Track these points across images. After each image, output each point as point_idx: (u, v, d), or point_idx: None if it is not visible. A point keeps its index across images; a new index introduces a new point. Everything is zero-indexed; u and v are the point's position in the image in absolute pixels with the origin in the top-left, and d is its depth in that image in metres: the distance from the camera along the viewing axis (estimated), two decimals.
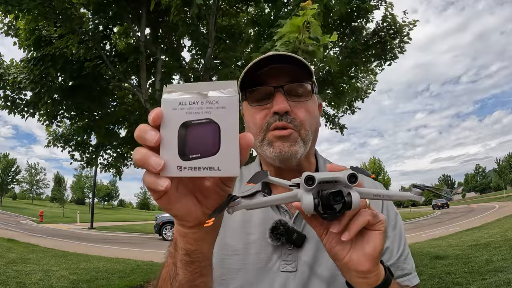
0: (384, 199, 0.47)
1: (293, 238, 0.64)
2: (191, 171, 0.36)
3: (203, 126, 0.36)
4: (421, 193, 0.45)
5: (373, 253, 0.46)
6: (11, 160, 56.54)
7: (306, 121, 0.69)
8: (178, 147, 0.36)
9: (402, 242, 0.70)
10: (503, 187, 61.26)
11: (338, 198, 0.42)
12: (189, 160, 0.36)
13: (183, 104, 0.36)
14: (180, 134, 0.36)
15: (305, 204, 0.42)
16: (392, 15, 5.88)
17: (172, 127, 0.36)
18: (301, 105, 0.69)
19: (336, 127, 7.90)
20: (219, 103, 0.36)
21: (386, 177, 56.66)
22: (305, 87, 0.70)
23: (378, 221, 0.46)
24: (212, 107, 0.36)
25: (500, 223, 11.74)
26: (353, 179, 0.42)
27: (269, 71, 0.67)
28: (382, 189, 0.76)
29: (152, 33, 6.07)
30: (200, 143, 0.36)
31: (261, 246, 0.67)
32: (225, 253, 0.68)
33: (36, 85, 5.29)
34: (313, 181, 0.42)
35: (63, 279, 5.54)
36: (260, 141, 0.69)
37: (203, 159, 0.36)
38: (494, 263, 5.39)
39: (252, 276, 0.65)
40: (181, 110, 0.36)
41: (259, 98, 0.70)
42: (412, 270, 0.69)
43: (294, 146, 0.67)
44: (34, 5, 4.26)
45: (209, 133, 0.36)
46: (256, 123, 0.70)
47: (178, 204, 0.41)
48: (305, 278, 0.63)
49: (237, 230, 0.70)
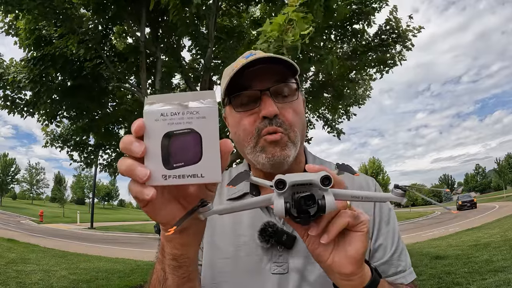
0: (363, 201, 0.45)
1: (282, 240, 0.63)
2: (176, 179, 0.37)
3: (185, 136, 0.37)
4: (403, 194, 0.43)
5: (355, 255, 0.45)
6: (10, 160, 56.51)
7: (295, 122, 0.67)
8: (162, 156, 0.37)
9: (395, 238, 0.69)
10: (503, 187, 61.28)
11: (309, 202, 0.41)
12: (173, 169, 0.37)
13: (165, 115, 0.37)
14: (164, 144, 0.37)
15: (276, 209, 0.42)
16: (395, 19, 5.85)
17: (155, 138, 0.37)
18: (288, 106, 0.67)
19: (333, 131, 7.91)
20: (199, 113, 0.37)
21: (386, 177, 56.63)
22: (291, 86, 0.68)
23: (359, 222, 0.45)
24: (193, 117, 0.37)
25: (500, 223, 11.74)
26: (326, 181, 0.41)
27: (252, 72, 0.65)
28: (374, 184, 0.75)
29: (152, 33, 6.06)
30: (183, 152, 0.37)
31: (251, 248, 0.66)
32: (216, 256, 0.68)
33: (36, 85, 5.29)
34: (283, 184, 0.41)
35: (63, 279, 5.54)
36: (251, 148, 0.67)
37: (186, 167, 0.37)
38: (494, 263, 5.39)
39: (243, 279, 0.64)
40: (163, 121, 0.37)
41: (244, 102, 0.67)
42: (406, 266, 0.67)
43: (285, 149, 0.66)
44: (34, 5, 4.26)
45: (191, 143, 0.37)
46: (245, 129, 0.67)
47: (163, 211, 0.42)
48: (297, 279, 0.62)
49: (227, 232, 0.69)
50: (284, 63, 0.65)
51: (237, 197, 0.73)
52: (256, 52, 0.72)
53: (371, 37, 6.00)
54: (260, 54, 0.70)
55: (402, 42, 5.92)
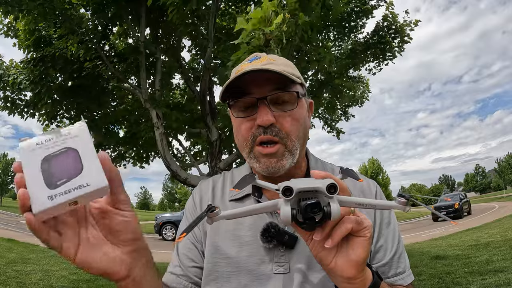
0: (367, 208, 0.46)
1: (284, 240, 0.64)
2: (63, 196, 0.38)
3: (63, 154, 0.40)
4: (406, 203, 0.44)
5: (357, 259, 0.46)
6: (10, 160, 56.57)
7: (293, 131, 0.66)
8: (44, 179, 0.39)
9: (396, 239, 0.70)
10: (503, 187, 61.28)
11: (315, 210, 0.42)
12: (57, 187, 0.38)
13: (40, 143, 0.40)
14: (44, 168, 0.39)
15: (283, 215, 0.43)
16: (392, 14, 5.86)
17: (33, 164, 0.39)
18: (287, 114, 0.66)
19: (333, 131, 7.92)
20: (71, 133, 0.41)
21: (386, 177, 56.64)
22: (291, 94, 0.67)
23: (363, 227, 0.46)
24: (67, 138, 0.41)
25: (500, 223, 11.74)
26: (332, 189, 0.42)
27: (252, 77, 0.64)
28: (375, 187, 0.75)
29: (151, 33, 6.07)
30: (64, 169, 0.39)
31: (253, 248, 0.66)
32: (218, 257, 0.68)
33: (36, 86, 5.30)
34: (290, 192, 0.42)
35: (63, 279, 5.53)
36: (247, 153, 0.69)
37: (70, 181, 0.39)
38: (494, 263, 5.39)
39: (245, 279, 0.65)
40: (39, 149, 0.40)
41: (243, 108, 0.68)
42: (406, 268, 0.69)
43: (281, 160, 0.66)
44: (34, 6, 4.26)
45: (70, 159, 0.40)
46: (243, 135, 0.68)
47: (96, 261, 0.44)
48: (299, 279, 0.63)
49: (229, 232, 0.69)
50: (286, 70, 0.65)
51: (240, 198, 0.73)
52: (261, 55, 0.71)
53: (370, 34, 6.01)
54: (265, 57, 0.70)
55: (401, 38, 5.93)
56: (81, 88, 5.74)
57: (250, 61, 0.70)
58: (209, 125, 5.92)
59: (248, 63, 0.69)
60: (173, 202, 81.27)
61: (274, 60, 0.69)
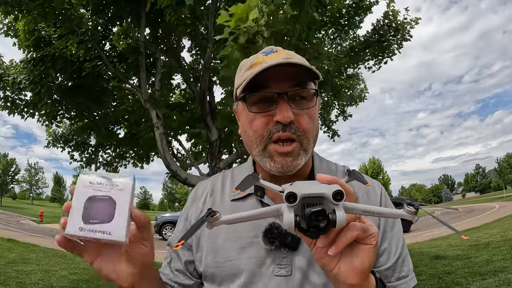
0: (374, 216, 0.45)
1: (287, 242, 0.62)
2: (88, 232, 0.48)
3: (104, 201, 0.50)
4: (415, 212, 0.43)
5: (361, 267, 0.44)
6: (10, 160, 56.54)
7: (309, 129, 0.64)
8: (83, 213, 0.48)
9: (400, 243, 0.69)
10: (503, 187, 61.24)
11: (320, 218, 0.40)
12: (89, 224, 0.48)
13: (93, 183, 0.50)
14: (86, 205, 0.49)
15: (286, 222, 0.41)
16: (393, 11, 5.82)
17: (80, 199, 0.49)
18: (305, 112, 0.64)
19: (329, 131, 7.70)
20: (118, 186, 0.51)
21: (386, 177, 56.63)
22: (309, 92, 0.65)
23: (369, 235, 0.44)
24: (113, 187, 0.50)
25: (500, 223, 11.73)
26: (338, 196, 0.40)
27: (271, 72, 0.61)
28: (380, 188, 0.74)
29: (151, 33, 6.07)
30: (100, 213, 0.49)
31: (255, 250, 0.65)
32: (219, 259, 0.67)
33: (36, 86, 5.30)
34: (294, 198, 0.41)
35: (63, 279, 5.53)
36: (260, 151, 0.65)
37: (100, 224, 0.48)
38: (494, 263, 5.39)
39: (246, 281, 0.64)
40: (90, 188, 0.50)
41: (259, 102, 0.64)
42: (409, 272, 0.68)
43: (297, 160, 0.64)
44: (33, 6, 4.26)
45: (107, 207, 0.49)
46: (256, 131, 0.64)
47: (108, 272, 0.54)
48: (300, 282, 0.62)
49: (231, 234, 0.68)
50: (306, 68, 0.62)
51: (241, 197, 0.71)
52: (277, 49, 0.68)
53: (369, 33, 5.97)
54: (281, 51, 0.67)
55: (401, 36, 5.88)
56: (81, 88, 5.73)
57: (266, 54, 0.66)
58: (209, 125, 5.92)
59: (264, 56, 0.65)
60: (173, 202, 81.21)
61: (291, 55, 0.65)
